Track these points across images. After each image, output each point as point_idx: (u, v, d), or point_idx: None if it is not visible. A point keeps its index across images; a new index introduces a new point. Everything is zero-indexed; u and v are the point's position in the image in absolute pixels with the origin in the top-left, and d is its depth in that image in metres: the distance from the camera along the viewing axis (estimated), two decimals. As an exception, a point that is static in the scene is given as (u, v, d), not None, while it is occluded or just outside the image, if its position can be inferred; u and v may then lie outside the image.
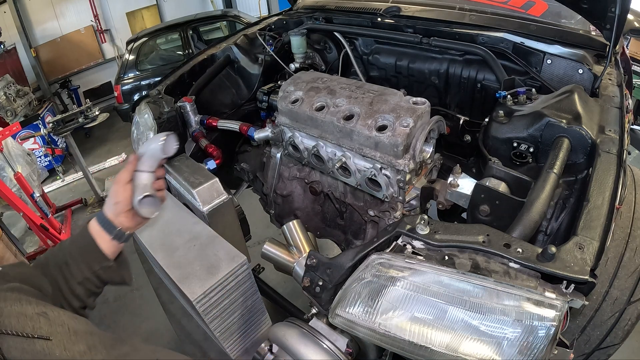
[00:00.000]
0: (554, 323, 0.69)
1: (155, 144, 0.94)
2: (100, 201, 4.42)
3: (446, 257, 0.80)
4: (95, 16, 7.23)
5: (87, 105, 3.73)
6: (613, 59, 1.41)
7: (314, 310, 0.98)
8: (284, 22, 2.05)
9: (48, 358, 0.58)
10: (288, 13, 2.17)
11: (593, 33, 1.47)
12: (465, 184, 1.20)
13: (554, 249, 0.73)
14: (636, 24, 1.69)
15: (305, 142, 1.40)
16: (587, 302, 0.72)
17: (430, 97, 1.39)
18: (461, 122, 1.54)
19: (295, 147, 1.43)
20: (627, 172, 1.29)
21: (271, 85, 1.76)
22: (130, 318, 2.73)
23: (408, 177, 1.19)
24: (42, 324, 0.62)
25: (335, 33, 1.86)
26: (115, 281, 0.94)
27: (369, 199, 1.38)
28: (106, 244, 0.92)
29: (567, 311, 0.71)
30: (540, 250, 0.76)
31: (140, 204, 0.93)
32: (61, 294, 0.85)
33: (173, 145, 0.95)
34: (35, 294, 0.72)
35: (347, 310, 0.84)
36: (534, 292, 0.71)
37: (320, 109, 1.30)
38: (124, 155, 5.50)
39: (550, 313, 0.70)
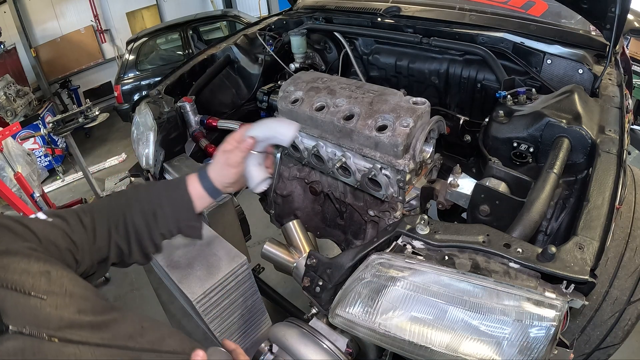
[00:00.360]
0: (554, 323, 0.69)
1: (283, 131, 0.95)
2: (100, 201, 4.41)
3: (446, 257, 0.80)
4: (95, 16, 7.23)
5: (87, 105, 3.73)
6: (613, 59, 1.41)
7: (314, 310, 0.98)
8: (284, 22, 2.05)
9: (38, 313, 0.62)
10: (288, 13, 2.17)
11: (593, 33, 1.47)
12: (465, 184, 1.20)
13: (554, 249, 0.73)
14: (636, 24, 1.69)
15: (305, 142, 1.40)
16: (587, 302, 0.72)
17: (430, 97, 1.39)
18: (461, 122, 1.54)
19: (295, 147, 1.43)
20: (627, 172, 1.29)
21: (271, 85, 1.76)
22: (130, 318, 2.73)
23: (408, 177, 1.19)
24: (42, 282, 0.66)
25: (335, 33, 1.86)
26: (191, 236, 1.01)
27: (369, 199, 1.38)
28: (202, 205, 0.99)
29: (567, 311, 0.71)
30: (540, 250, 0.76)
31: (258, 185, 1.00)
32: (116, 242, 0.92)
33: (291, 136, 0.97)
34: (53, 252, 0.77)
35: (347, 310, 0.84)
36: (534, 292, 0.71)
37: (320, 109, 1.30)
38: (124, 155, 5.50)
39: (550, 313, 0.70)
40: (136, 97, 4.56)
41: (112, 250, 0.93)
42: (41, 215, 0.83)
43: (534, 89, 1.34)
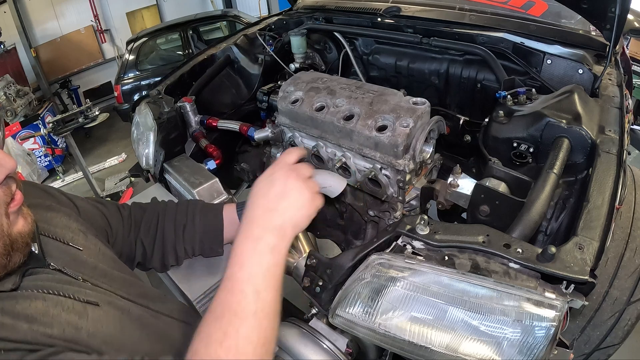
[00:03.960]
0: (554, 323, 0.69)
1: (335, 184, 0.98)
2: (100, 201, 4.41)
3: (446, 258, 0.80)
4: (95, 16, 7.23)
5: (87, 105, 3.73)
6: (613, 59, 1.41)
7: (314, 310, 0.98)
8: (284, 22, 2.05)
9: (76, 258, 0.71)
10: (288, 13, 2.17)
11: (593, 33, 1.47)
12: (465, 184, 1.20)
13: (553, 249, 0.73)
14: (636, 24, 1.69)
15: (305, 142, 1.40)
16: (587, 302, 0.72)
17: (430, 97, 1.38)
18: (461, 122, 1.54)
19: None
20: (627, 172, 1.29)
21: (271, 85, 1.76)
22: (130, 318, 2.73)
23: (408, 177, 1.19)
24: (80, 237, 0.75)
25: (335, 33, 1.86)
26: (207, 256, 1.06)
27: (369, 199, 1.38)
28: (232, 233, 1.02)
29: (567, 311, 0.71)
30: (540, 250, 0.75)
31: None
32: (142, 240, 0.98)
33: (340, 190, 0.99)
34: (90, 225, 0.85)
35: (347, 310, 0.84)
36: (534, 292, 0.71)
37: (320, 109, 1.30)
38: (124, 155, 5.50)
39: (550, 313, 0.70)
40: (136, 97, 4.55)
41: (137, 247, 0.99)
42: (82, 197, 0.92)
43: (534, 89, 1.34)
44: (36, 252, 0.64)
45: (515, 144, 1.20)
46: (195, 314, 0.91)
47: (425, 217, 0.87)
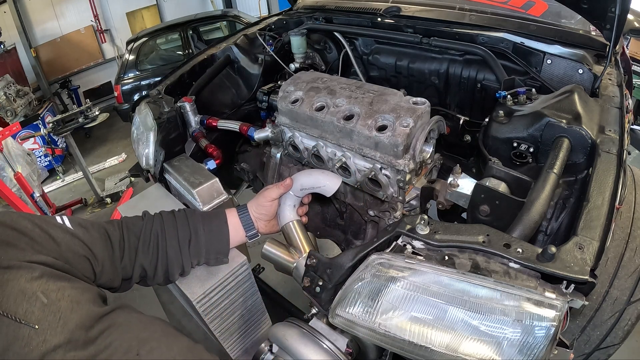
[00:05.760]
0: (554, 323, 0.69)
1: (329, 183, 1.01)
2: (100, 201, 4.42)
3: (446, 257, 0.80)
4: (95, 16, 7.23)
5: (87, 105, 3.73)
6: (613, 59, 1.41)
7: (314, 310, 0.97)
8: (284, 22, 2.05)
9: (21, 349, 0.59)
10: (288, 13, 2.17)
11: (593, 33, 1.47)
12: (465, 184, 1.20)
13: (554, 249, 0.73)
14: (636, 24, 1.69)
15: (305, 142, 1.40)
16: (587, 302, 0.72)
17: (430, 97, 1.38)
18: (461, 122, 1.54)
19: (295, 147, 1.43)
20: (627, 172, 1.29)
21: (271, 85, 1.76)
22: (130, 318, 2.73)
23: (408, 177, 1.19)
24: (36, 308, 0.62)
25: (335, 33, 1.86)
26: (212, 265, 1.05)
27: (369, 199, 1.38)
28: (236, 238, 1.04)
29: (567, 311, 0.71)
30: (540, 250, 0.76)
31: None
32: (141, 263, 0.93)
33: (334, 189, 1.02)
34: (70, 259, 0.74)
35: (347, 310, 0.84)
36: (534, 292, 0.71)
37: (320, 109, 1.30)
38: (124, 155, 5.50)
39: (550, 313, 0.70)
40: (136, 97, 4.56)
41: (135, 270, 0.93)
42: (66, 221, 0.81)
43: (534, 89, 1.34)
44: None
45: (515, 144, 1.20)
46: (194, 350, 0.78)
47: (425, 217, 0.87)
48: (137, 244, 0.93)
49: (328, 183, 1.01)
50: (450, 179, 1.22)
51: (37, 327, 0.60)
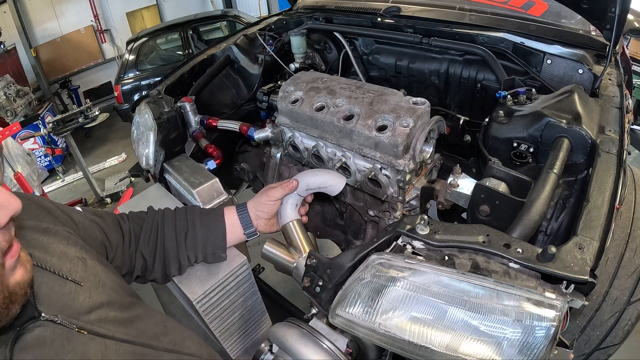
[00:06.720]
0: (554, 323, 0.69)
1: (334, 183, 1.01)
2: (100, 201, 4.42)
3: (446, 257, 0.80)
4: (95, 16, 7.23)
5: (87, 105, 3.73)
6: (613, 59, 1.41)
7: (314, 310, 0.97)
8: (284, 22, 2.05)
9: (71, 302, 0.63)
10: (288, 13, 2.17)
11: (593, 33, 1.47)
12: (465, 184, 1.20)
13: (554, 249, 0.73)
14: (636, 24, 1.69)
15: (305, 142, 1.40)
16: (587, 302, 0.72)
17: (430, 97, 1.39)
18: (461, 122, 1.54)
19: (295, 147, 1.43)
20: (627, 172, 1.29)
21: (271, 85, 1.76)
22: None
23: (408, 177, 1.19)
24: (79, 268, 0.68)
25: (335, 33, 1.86)
26: (210, 262, 1.05)
27: (369, 199, 1.38)
28: (233, 236, 1.04)
29: (567, 311, 0.71)
30: (540, 250, 0.75)
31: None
32: (142, 252, 0.95)
33: (340, 189, 1.02)
34: (89, 242, 0.79)
35: (347, 310, 0.84)
36: (534, 292, 0.71)
37: (320, 109, 1.30)
38: (124, 155, 5.50)
39: (550, 313, 0.70)
40: (136, 97, 4.56)
41: (137, 260, 0.96)
42: (80, 210, 0.86)
43: (534, 89, 1.34)
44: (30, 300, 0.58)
45: (515, 144, 1.20)
46: (206, 343, 0.84)
47: (425, 217, 0.87)
48: (140, 232, 0.97)
49: (334, 183, 1.01)
50: (450, 179, 1.22)
51: (82, 284, 0.66)
